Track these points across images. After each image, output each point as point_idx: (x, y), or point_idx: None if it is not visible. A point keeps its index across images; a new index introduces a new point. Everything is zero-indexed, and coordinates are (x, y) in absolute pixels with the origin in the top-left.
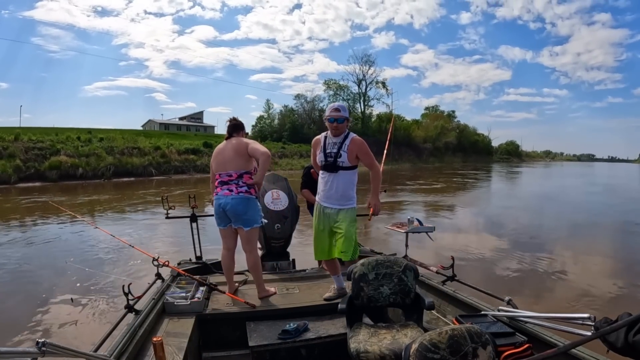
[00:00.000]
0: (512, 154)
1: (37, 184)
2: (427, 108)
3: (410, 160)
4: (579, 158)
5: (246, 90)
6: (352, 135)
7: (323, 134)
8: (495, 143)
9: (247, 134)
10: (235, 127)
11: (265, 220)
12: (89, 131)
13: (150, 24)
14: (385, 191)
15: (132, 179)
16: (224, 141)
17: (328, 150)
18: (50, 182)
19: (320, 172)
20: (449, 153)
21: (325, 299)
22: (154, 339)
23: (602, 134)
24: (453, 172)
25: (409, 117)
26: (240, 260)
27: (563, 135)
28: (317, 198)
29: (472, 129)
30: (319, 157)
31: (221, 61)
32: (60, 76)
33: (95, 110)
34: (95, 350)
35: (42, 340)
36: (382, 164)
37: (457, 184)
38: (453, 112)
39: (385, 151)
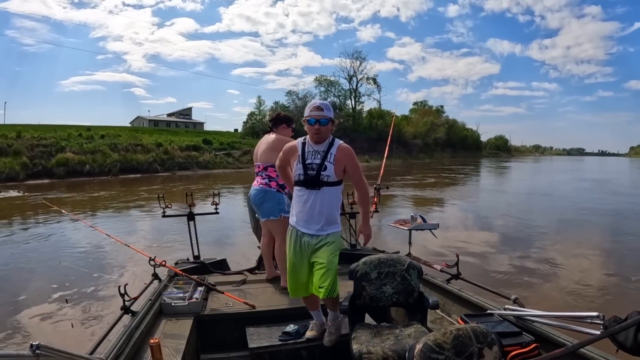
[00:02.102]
0: (501, 149)
1: (46, 180)
2: (415, 103)
3: (400, 156)
4: (569, 152)
5: (228, 84)
6: (339, 142)
7: (299, 139)
8: (484, 138)
9: (294, 128)
10: (275, 121)
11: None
12: (89, 128)
13: (129, 16)
14: (387, 187)
15: (138, 175)
16: (266, 134)
17: (308, 161)
18: (58, 179)
19: (297, 188)
20: (438, 149)
21: (308, 339)
22: (151, 341)
23: (592, 128)
24: (442, 168)
25: (393, 111)
26: (239, 260)
27: (552, 129)
28: (291, 221)
29: (460, 124)
30: (296, 170)
31: (202, 55)
32: (35, 71)
33: (72, 106)
34: (91, 353)
35: (36, 343)
36: (384, 161)
37: (448, 179)
38: (441, 107)
39: (386, 150)
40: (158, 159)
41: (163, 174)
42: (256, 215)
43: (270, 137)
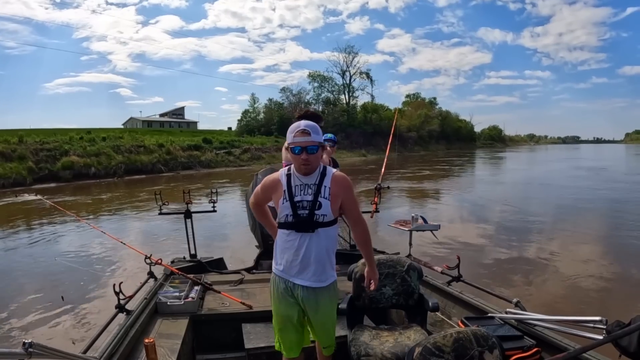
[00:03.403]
0: (496, 139)
1: (53, 184)
2: (408, 95)
3: (396, 150)
4: (564, 140)
5: (216, 82)
6: (332, 171)
7: (282, 170)
8: (477, 129)
9: (322, 126)
10: (303, 119)
11: None
12: (89, 131)
13: (112, 14)
14: (388, 187)
15: (143, 176)
16: None
17: (298, 198)
18: (64, 183)
19: (284, 232)
20: (432, 141)
21: None
22: (146, 341)
23: (587, 115)
24: (438, 160)
25: (387, 104)
26: (237, 259)
27: (547, 117)
28: (276, 270)
29: (454, 115)
30: (283, 210)
31: (189, 52)
32: (19, 74)
33: (57, 108)
34: (85, 352)
35: (29, 340)
36: (386, 159)
37: (445, 172)
38: (434, 99)
39: (388, 148)
40: (161, 159)
41: (167, 174)
42: None
43: None
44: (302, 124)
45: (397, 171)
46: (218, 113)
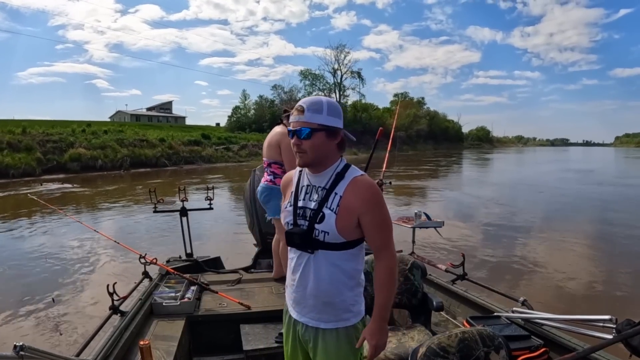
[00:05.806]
0: (483, 140)
1: (61, 175)
2: (396, 95)
3: (385, 149)
4: (553, 143)
5: (196, 75)
6: (355, 172)
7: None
8: (465, 129)
9: None
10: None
11: None
12: (88, 124)
13: (90, 2)
14: (390, 183)
15: (148, 169)
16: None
17: (301, 203)
18: (72, 174)
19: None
20: (420, 141)
21: None
22: (141, 343)
23: (577, 117)
24: (427, 160)
25: (375, 103)
26: (234, 258)
27: (536, 119)
28: (287, 298)
29: (442, 115)
30: (285, 217)
31: (168, 44)
32: None
33: (31, 99)
34: (78, 355)
35: (20, 343)
36: (388, 150)
37: (438, 171)
38: (422, 98)
39: (390, 141)
40: (164, 153)
41: (171, 167)
42: (266, 215)
43: (275, 130)
44: (310, 99)
45: (389, 170)
46: (197, 108)
